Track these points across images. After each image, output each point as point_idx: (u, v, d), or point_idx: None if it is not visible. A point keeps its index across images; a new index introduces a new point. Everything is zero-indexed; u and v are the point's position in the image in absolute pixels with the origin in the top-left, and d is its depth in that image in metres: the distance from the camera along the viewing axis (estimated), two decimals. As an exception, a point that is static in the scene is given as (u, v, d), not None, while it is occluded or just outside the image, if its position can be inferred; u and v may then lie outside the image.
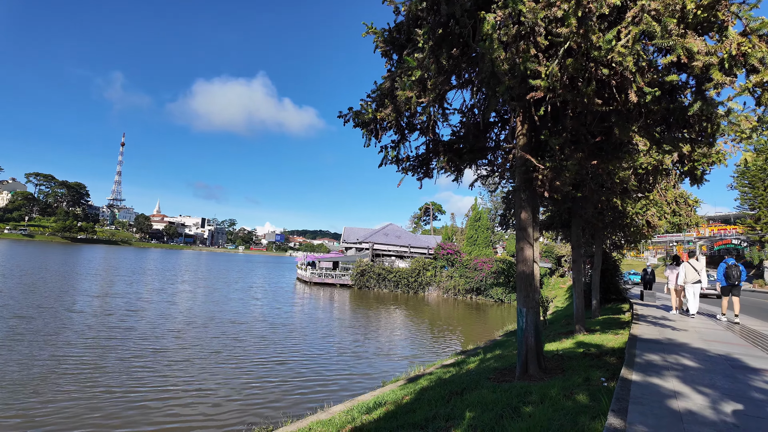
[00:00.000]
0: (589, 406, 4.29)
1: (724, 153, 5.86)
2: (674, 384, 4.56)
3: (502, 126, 7.38)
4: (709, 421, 3.44)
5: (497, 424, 4.30)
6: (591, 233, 14.97)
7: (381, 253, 50.35)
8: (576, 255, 11.95)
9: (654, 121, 4.94)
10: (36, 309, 19.25)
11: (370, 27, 6.11)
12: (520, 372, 6.12)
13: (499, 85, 4.67)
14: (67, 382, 10.64)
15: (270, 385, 11.75)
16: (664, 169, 7.81)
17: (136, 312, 21.00)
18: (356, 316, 26.81)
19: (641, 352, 6.28)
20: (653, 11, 3.85)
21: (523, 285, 6.15)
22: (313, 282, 46.25)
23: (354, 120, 6.42)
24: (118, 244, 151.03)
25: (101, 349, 13.73)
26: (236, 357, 14.21)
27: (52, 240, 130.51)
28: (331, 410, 8.18)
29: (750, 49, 3.77)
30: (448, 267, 44.19)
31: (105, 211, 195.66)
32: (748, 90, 3.92)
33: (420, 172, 7.40)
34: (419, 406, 6.04)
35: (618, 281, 20.11)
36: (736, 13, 3.91)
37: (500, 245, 71.94)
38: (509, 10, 4.17)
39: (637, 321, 10.34)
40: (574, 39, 4.08)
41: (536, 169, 5.65)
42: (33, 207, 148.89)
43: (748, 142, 5.01)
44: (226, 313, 23.18)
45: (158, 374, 11.80)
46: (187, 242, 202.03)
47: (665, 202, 13.06)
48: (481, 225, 47.11)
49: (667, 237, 63.02)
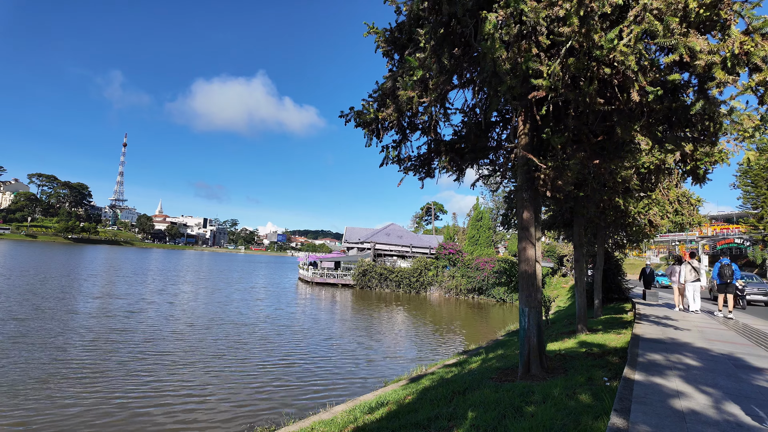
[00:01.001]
0: (592, 405, 4.28)
1: (726, 152, 5.85)
2: (677, 383, 4.55)
3: (503, 125, 7.37)
4: (713, 421, 3.43)
5: (500, 423, 4.30)
6: (593, 233, 14.94)
7: (383, 253, 50.35)
8: (578, 254, 11.93)
9: (656, 121, 4.93)
10: (36, 310, 19.32)
11: (372, 27, 6.12)
12: (522, 372, 6.11)
13: (500, 85, 4.67)
14: (69, 385, 10.66)
15: (272, 385, 11.76)
16: (667, 168, 7.79)
17: (138, 313, 21.07)
18: (358, 316, 26.82)
19: (644, 352, 6.27)
20: (655, 10, 3.84)
21: (526, 285, 6.14)
22: (315, 282, 46.28)
23: (355, 120, 6.42)
24: (120, 244, 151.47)
25: (103, 351, 13.77)
26: (238, 357, 14.24)
27: (55, 240, 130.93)
28: (334, 410, 8.19)
29: (753, 48, 3.75)
30: (449, 267, 44.16)
31: (107, 211, 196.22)
32: (750, 89, 3.91)
33: (421, 171, 7.39)
34: (421, 406, 6.04)
35: (620, 280, 20.04)
36: (738, 11, 3.90)
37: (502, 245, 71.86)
38: (511, 9, 4.16)
39: (639, 320, 10.32)
40: (576, 38, 4.08)
41: (538, 169, 5.65)
42: (36, 208, 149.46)
43: (751, 141, 5.00)
44: (228, 313, 23.22)
45: (159, 374, 11.83)
46: (189, 242, 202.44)
47: (667, 201, 13.02)
48: (483, 225, 47.07)
49: (670, 236, 62.84)
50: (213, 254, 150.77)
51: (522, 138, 6.04)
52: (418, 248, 51.51)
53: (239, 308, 25.33)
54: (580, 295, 11.27)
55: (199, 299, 28.23)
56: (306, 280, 48.41)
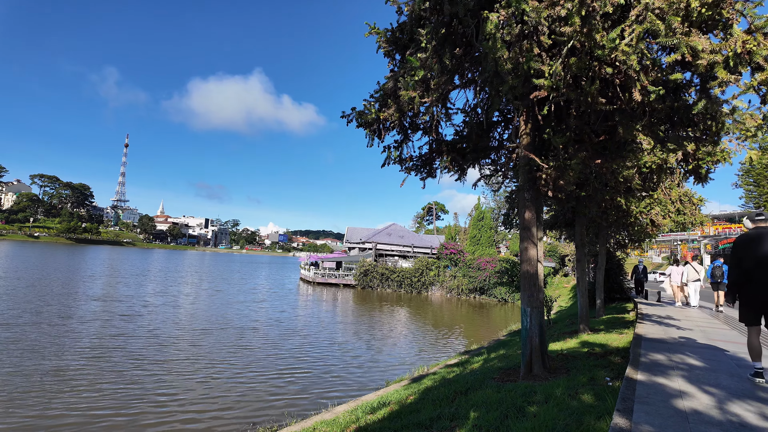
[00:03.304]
0: (594, 405, 4.28)
1: (728, 151, 5.85)
2: (680, 383, 4.54)
3: (505, 125, 7.37)
4: (716, 421, 3.43)
5: (502, 423, 4.30)
6: (595, 232, 14.93)
7: (384, 253, 50.36)
8: (580, 254, 11.92)
9: (658, 120, 4.93)
10: (37, 313, 19.37)
11: (373, 27, 6.12)
12: (524, 372, 6.11)
13: (502, 85, 4.67)
14: (68, 388, 10.67)
15: (274, 385, 11.77)
16: (669, 167, 7.78)
17: (138, 316, 21.10)
18: (360, 316, 26.83)
19: (646, 352, 6.26)
20: (657, 9, 3.84)
21: (527, 284, 6.14)
22: (316, 282, 46.32)
23: (357, 120, 6.43)
24: (122, 244, 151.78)
25: (104, 350, 13.80)
26: (240, 358, 14.26)
27: (57, 241, 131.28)
28: (336, 410, 8.20)
29: (755, 47, 3.75)
30: (451, 267, 44.15)
31: (109, 212, 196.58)
32: (753, 88, 3.90)
33: (423, 171, 7.40)
34: (423, 406, 6.04)
35: (622, 280, 19.97)
36: (740, 10, 3.89)
37: (503, 245, 71.85)
38: (512, 9, 4.17)
39: (641, 320, 10.30)
40: (578, 38, 4.07)
41: (540, 169, 5.65)
42: (38, 208, 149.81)
43: (753, 140, 4.99)
44: (230, 314, 23.25)
45: (160, 374, 11.85)
46: (191, 243, 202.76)
47: (669, 200, 13.02)
48: (485, 224, 47.05)
49: (672, 236, 62.64)
50: (215, 254, 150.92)
51: (524, 138, 6.04)
52: (420, 248, 51.50)
53: (240, 309, 25.36)
54: (582, 294, 11.26)
55: (201, 300, 28.28)
56: (308, 280, 48.44)
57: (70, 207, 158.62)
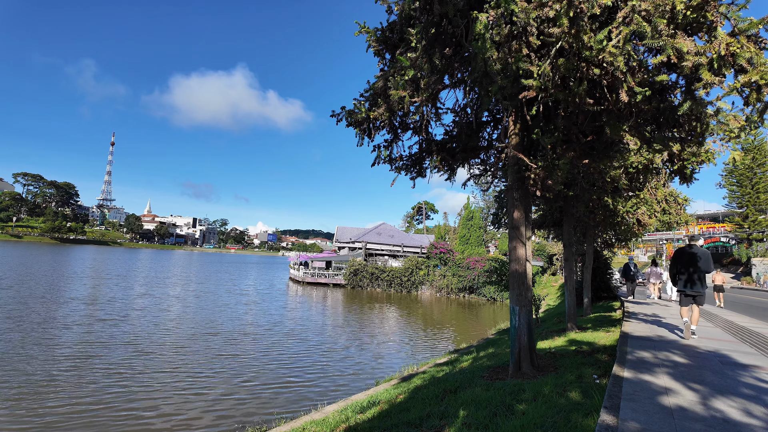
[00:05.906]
0: (582, 403, 4.32)
1: (713, 152, 5.93)
2: (665, 380, 4.61)
3: (494, 125, 7.41)
4: (700, 417, 3.49)
5: (491, 421, 4.32)
6: (582, 231, 15.09)
7: (374, 253, 50.34)
8: (568, 253, 12.04)
9: (644, 121, 4.99)
10: (20, 313, 18.99)
11: (363, 26, 6.10)
12: (513, 370, 6.15)
13: (491, 85, 4.69)
14: (52, 391, 10.50)
15: (263, 385, 11.70)
16: (654, 168, 7.90)
17: (126, 317, 20.81)
18: (349, 315, 26.78)
19: (632, 350, 6.35)
20: (643, 12, 3.88)
21: (516, 283, 6.18)
22: (306, 282, 46.11)
23: (347, 119, 6.40)
24: (108, 244, 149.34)
25: (89, 351, 13.59)
26: (228, 358, 14.13)
27: (41, 241, 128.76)
28: (325, 410, 8.17)
29: (738, 50, 3.81)
30: (440, 266, 44.30)
31: (95, 211, 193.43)
32: (736, 90, 3.97)
33: (413, 171, 7.39)
34: (413, 405, 6.05)
35: (609, 279, 20.24)
36: (725, 13, 3.96)
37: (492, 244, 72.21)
38: (501, 9, 4.18)
39: (628, 318, 10.45)
40: (566, 39, 4.11)
41: (528, 168, 5.68)
42: (21, 207, 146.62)
43: (737, 141, 5.07)
44: (218, 314, 23.04)
45: (148, 374, 11.70)
46: (179, 242, 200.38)
47: (655, 200, 13.21)
48: (474, 224, 47.29)
49: (658, 235, 63.68)
50: (202, 254, 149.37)
51: (512, 138, 6.07)
52: (410, 247, 51.59)
53: (229, 309, 25.15)
54: (569, 293, 11.38)
55: (189, 300, 27.97)
56: (297, 280, 48.20)
57: (55, 206, 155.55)
